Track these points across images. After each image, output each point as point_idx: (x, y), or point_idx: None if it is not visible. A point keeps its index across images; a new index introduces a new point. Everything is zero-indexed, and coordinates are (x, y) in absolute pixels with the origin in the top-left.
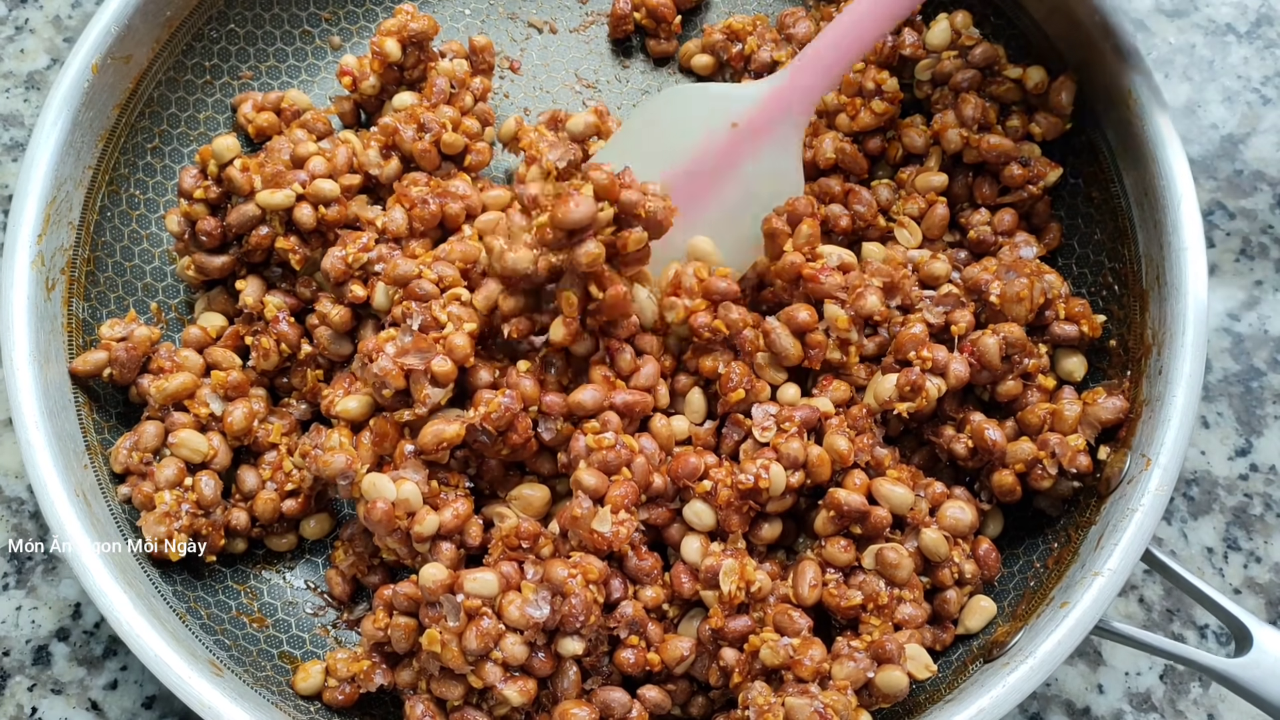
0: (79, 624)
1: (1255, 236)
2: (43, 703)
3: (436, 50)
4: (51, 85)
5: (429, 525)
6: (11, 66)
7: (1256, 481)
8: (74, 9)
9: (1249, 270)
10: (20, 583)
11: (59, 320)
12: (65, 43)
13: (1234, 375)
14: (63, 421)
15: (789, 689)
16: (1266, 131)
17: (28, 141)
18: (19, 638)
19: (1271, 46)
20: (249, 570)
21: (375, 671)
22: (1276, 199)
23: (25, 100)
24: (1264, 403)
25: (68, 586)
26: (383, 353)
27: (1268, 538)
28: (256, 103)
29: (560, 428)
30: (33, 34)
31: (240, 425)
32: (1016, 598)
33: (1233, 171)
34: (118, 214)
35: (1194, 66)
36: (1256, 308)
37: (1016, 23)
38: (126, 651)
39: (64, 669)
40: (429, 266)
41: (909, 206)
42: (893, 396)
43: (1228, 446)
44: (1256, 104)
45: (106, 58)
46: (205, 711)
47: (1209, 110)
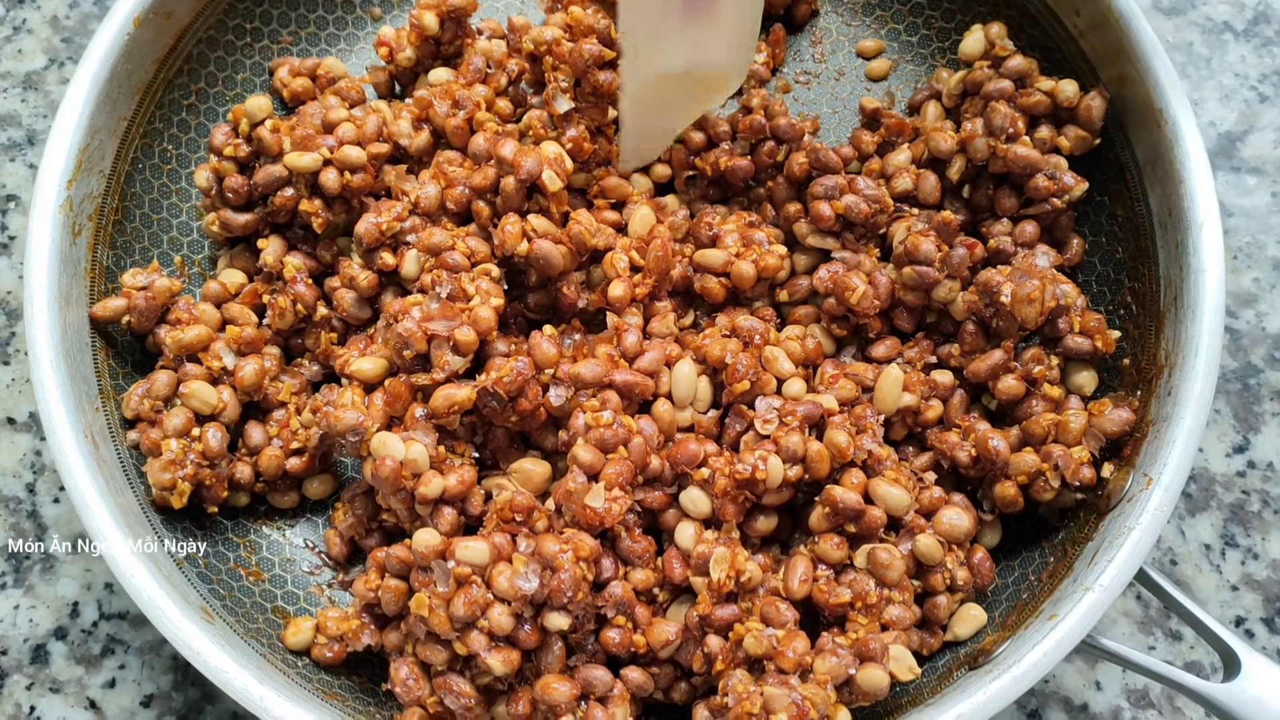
0: (77, 623)
1: (1253, 234)
2: (41, 701)
3: (475, 28)
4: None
5: (434, 488)
6: (9, 67)
7: (1254, 478)
8: (71, 9)
9: (1247, 268)
10: (18, 582)
11: (83, 265)
12: (63, 43)
13: (1232, 373)
14: (78, 364)
15: (769, 679)
16: (1264, 129)
17: (26, 142)
18: (17, 637)
19: (1269, 44)
20: (250, 524)
21: (364, 632)
22: (1274, 196)
23: (23, 100)
24: (1261, 400)
25: (65, 586)
26: (408, 315)
27: (1265, 534)
28: (293, 67)
29: (570, 396)
30: (30, 34)
31: (251, 380)
32: (1008, 609)
33: (1230, 169)
34: (149, 166)
35: (1191, 64)
36: (1254, 305)
37: (1052, 35)
38: (125, 650)
39: (62, 668)
40: (462, 240)
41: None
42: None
43: (1225, 444)
44: (1254, 101)
45: (149, 12)
46: (192, 656)
47: (1206, 108)
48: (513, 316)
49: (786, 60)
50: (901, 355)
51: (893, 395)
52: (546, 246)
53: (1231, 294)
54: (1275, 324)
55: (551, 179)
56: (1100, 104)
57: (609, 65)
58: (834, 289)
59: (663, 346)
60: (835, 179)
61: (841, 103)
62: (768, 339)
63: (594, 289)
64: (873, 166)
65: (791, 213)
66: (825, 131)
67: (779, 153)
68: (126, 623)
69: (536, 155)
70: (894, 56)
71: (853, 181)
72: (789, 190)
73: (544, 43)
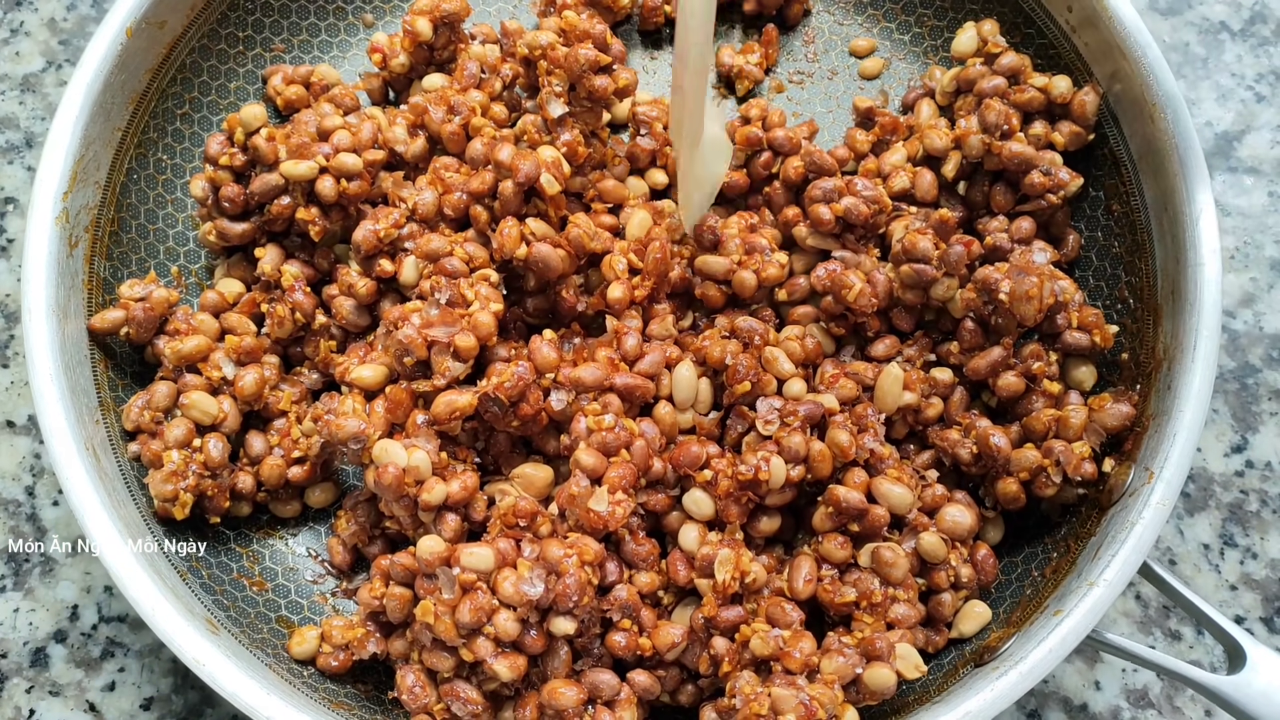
0: (76, 626)
1: (1251, 234)
2: (40, 704)
3: (468, 33)
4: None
5: (437, 494)
6: (7, 69)
7: (1252, 478)
8: (69, 12)
9: (1244, 268)
10: (18, 585)
11: (80, 277)
12: (60, 45)
13: (1230, 372)
14: (78, 376)
15: (776, 680)
16: (1261, 129)
17: (24, 144)
18: (16, 640)
19: (1265, 44)
20: (252, 534)
21: (369, 640)
22: (1271, 196)
23: (20, 103)
24: (1259, 399)
25: (65, 589)
26: (408, 321)
27: (1264, 534)
28: (286, 75)
29: (571, 400)
30: (28, 37)
31: (251, 390)
32: (1012, 605)
33: (1228, 169)
34: (144, 177)
35: (1188, 64)
36: (1252, 305)
37: (1045, 32)
38: (125, 653)
39: (62, 671)
40: (460, 245)
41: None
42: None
43: (1224, 443)
44: (1251, 101)
45: (141, 22)
46: (198, 667)
47: (1203, 108)
48: (512, 321)
49: (779, 60)
50: (901, 354)
51: (893, 394)
52: (545, 250)
53: (1229, 294)
54: (1273, 324)
55: (549, 182)
56: (1094, 99)
57: (604, 70)
58: (831, 287)
59: (663, 349)
60: (833, 181)
61: (835, 102)
62: (767, 340)
63: (592, 292)
64: (869, 166)
65: (790, 216)
66: (819, 130)
67: (775, 164)
68: (126, 625)
69: (534, 159)
70: (886, 55)
71: (850, 183)
72: (786, 195)
73: (538, 47)
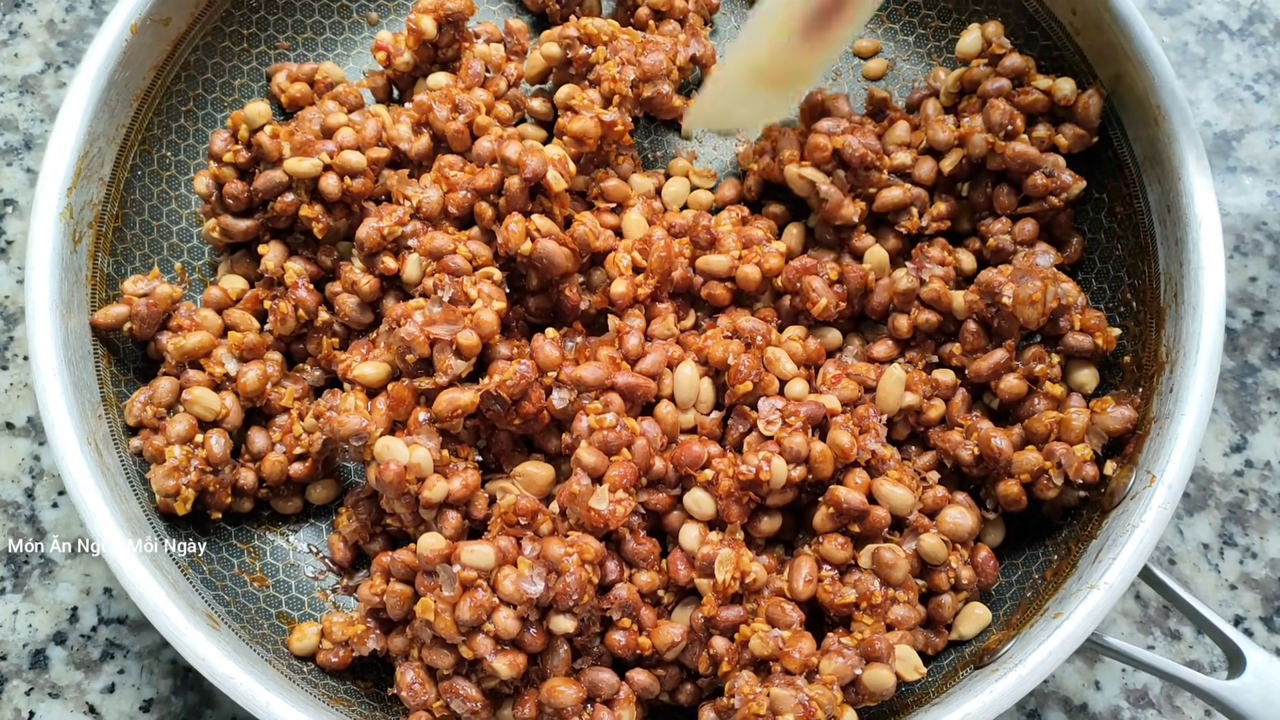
0: (76, 628)
1: (1249, 233)
2: (40, 706)
3: (472, 31)
4: (84, 52)
5: (438, 491)
6: (5, 71)
7: (1252, 478)
8: (68, 14)
9: (1243, 267)
10: (17, 586)
11: (84, 272)
12: (59, 47)
13: (1229, 371)
14: (81, 371)
15: (776, 680)
16: (1259, 129)
17: (23, 146)
18: (16, 641)
19: (1264, 44)
20: (254, 530)
21: (369, 636)
22: (1270, 195)
23: (19, 105)
24: (1259, 399)
25: (64, 590)
26: (410, 319)
27: (1263, 534)
28: (291, 73)
29: (573, 399)
30: (26, 38)
31: (253, 386)
32: (1013, 607)
33: (1226, 169)
34: (148, 173)
35: (1187, 64)
36: (1251, 304)
37: (1049, 34)
38: (124, 655)
39: (61, 673)
40: (463, 243)
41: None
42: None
43: (1223, 443)
44: (1249, 101)
45: (146, 19)
46: (199, 663)
47: (1202, 108)
48: (514, 320)
49: None
50: (903, 355)
51: (895, 395)
52: (550, 246)
53: (1228, 293)
54: (1272, 323)
55: (556, 179)
56: (1097, 102)
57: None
58: (800, 290)
59: (664, 348)
60: (842, 123)
61: None
62: (769, 340)
63: (595, 291)
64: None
65: (786, 158)
66: None
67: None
68: (126, 627)
69: (541, 155)
70: (890, 56)
71: (857, 129)
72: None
73: (605, 33)
